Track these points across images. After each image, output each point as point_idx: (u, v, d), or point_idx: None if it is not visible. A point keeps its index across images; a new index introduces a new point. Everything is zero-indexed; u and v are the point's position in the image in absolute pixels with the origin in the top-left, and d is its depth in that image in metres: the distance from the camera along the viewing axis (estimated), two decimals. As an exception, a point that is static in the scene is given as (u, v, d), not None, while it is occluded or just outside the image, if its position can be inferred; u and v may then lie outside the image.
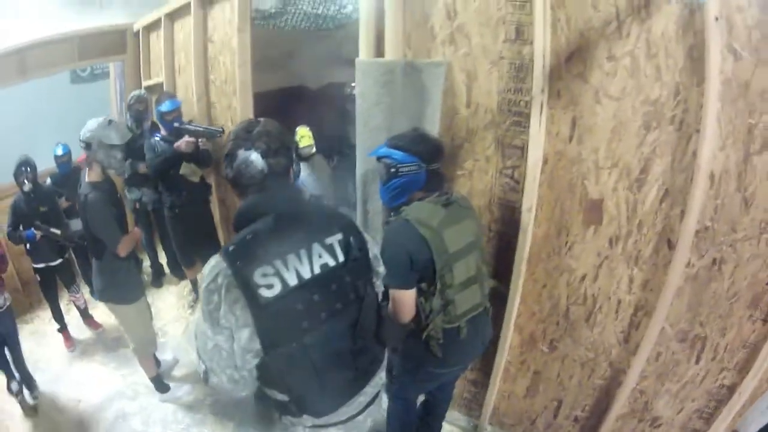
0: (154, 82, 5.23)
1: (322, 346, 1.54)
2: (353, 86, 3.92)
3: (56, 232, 4.14)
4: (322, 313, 1.54)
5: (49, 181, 4.61)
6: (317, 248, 1.56)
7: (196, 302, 5.00)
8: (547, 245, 2.37)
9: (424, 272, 2.02)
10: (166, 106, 3.99)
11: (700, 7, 1.71)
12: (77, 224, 3.79)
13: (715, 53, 1.68)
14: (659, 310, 2.08)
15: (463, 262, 2.07)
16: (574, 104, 2.08)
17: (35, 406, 3.95)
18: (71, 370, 4.39)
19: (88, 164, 2.98)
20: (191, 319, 4.80)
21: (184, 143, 3.85)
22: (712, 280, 1.99)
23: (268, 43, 4.59)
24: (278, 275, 1.46)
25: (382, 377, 1.83)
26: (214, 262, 1.48)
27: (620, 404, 2.35)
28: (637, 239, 2.11)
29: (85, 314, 4.86)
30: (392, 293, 2.01)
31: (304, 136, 3.84)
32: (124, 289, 3.28)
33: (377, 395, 1.83)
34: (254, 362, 1.50)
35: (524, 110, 2.20)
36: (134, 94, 4.78)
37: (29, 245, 4.19)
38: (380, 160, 2.16)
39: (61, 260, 4.41)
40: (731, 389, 2.09)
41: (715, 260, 1.95)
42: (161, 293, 5.29)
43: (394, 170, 2.08)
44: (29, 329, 5.05)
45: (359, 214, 2.84)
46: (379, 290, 1.81)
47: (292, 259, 1.50)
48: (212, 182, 4.55)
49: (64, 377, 4.28)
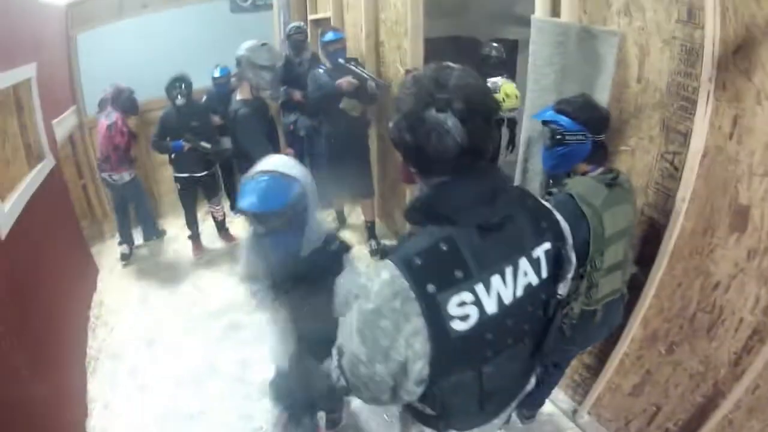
0: (320, 16, 5.55)
1: (498, 372, 1.32)
2: (494, 46, 3.78)
3: (206, 145, 4.55)
4: (509, 339, 1.30)
5: (204, 98, 5.08)
6: (524, 264, 1.28)
7: (338, 230, 5.22)
8: (691, 242, 2.33)
9: (577, 252, 1.93)
10: (329, 36, 4.27)
11: None
12: (228, 142, 4.21)
13: None
14: (773, 339, 2.01)
15: (614, 246, 2.10)
16: (737, 100, 2.01)
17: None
18: (193, 275, 4.84)
19: (238, 82, 3.29)
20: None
21: (345, 83, 4.07)
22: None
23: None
24: (477, 303, 1.18)
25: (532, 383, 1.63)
26: (388, 276, 1.16)
27: (709, 428, 2.31)
28: (773, 258, 2.02)
29: (221, 227, 5.36)
30: None
31: (510, 94, 3.40)
32: None
33: None
34: (420, 390, 1.25)
35: (691, 96, 2.16)
36: (293, 24, 5.17)
37: (174, 155, 4.65)
38: (546, 124, 2.19)
39: (206, 172, 4.81)
40: None
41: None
42: None
43: (559, 137, 2.10)
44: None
45: (518, 172, 2.97)
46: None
47: (496, 281, 1.21)
48: (373, 117, 4.75)
49: (185, 281, 4.74)
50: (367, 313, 1.18)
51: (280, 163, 2.07)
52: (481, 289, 1.18)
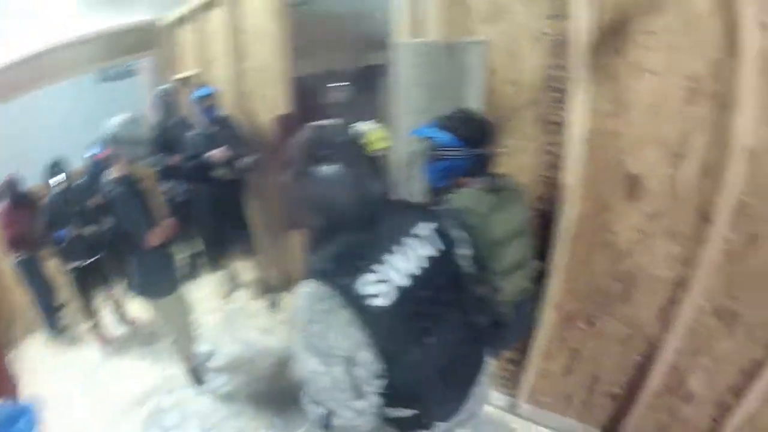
0: (186, 74, 5.45)
1: (442, 342, 1.48)
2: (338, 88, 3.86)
3: (91, 229, 4.28)
4: (433, 308, 1.47)
5: (80, 181, 4.72)
6: (413, 242, 1.48)
7: (232, 293, 5.26)
8: (587, 221, 2.46)
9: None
10: (201, 91, 4.17)
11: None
12: (109, 222, 3.96)
13: (748, 28, 1.76)
14: (696, 286, 2.18)
15: (510, 248, 2.07)
16: (613, 80, 2.17)
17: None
18: (106, 367, 4.52)
19: (113, 160, 3.08)
20: (227, 309, 5.03)
21: (218, 153, 4.02)
22: (748, 255, 2.06)
23: (301, 28, 4.74)
24: (385, 280, 1.36)
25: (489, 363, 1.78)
26: (309, 288, 1.35)
27: (655, 381, 2.45)
28: (675, 215, 2.19)
29: (119, 310, 5.04)
30: None
31: (376, 140, 3.17)
32: (159, 282, 3.36)
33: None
34: (381, 383, 1.37)
35: (564, 86, 2.29)
36: (162, 87, 5.05)
37: (62, 245, 4.34)
38: (425, 140, 2.16)
39: (94, 258, 4.54)
40: (762, 364, 2.16)
41: (752, 236, 2.03)
42: (197, 284, 5.41)
43: (437, 152, 2.09)
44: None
45: (400, 195, 2.93)
46: None
47: (393, 259, 1.41)
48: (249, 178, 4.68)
49: (99, 374, 4.42)
50: (302, 326, 1.34)
51: None
52: (381, 267, 1.37)
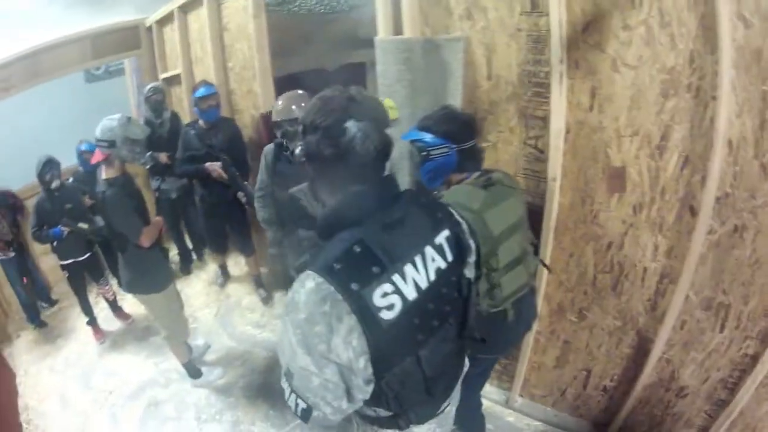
0: (171, 73, 5.46)
1: (434, 354, 1.39)
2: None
3: (84, 227, 4.32)
4: (434, 321, 1.38)
5: (71, 179, 4.82)
6: (429, 251, 1.37)
7: (224, 285, 5.28)
8: (573, 214, 2.44)
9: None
10: (200, 91, 4.02)
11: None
12: (101, 220, 3.97)
13: (725, 21, 1.72)
14: (683, 277, 2.16)
15: (507, 243, 2.03)
16: (592, 74, 2.14)
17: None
18: (102, 362, 4.57)
19: (108, 162, 3.06)
20: (222, 302, 5.02)
21: (215, 172, 3.97)
22: (734, 247, 2.03)
23: (283, 28, 4.68)
24: (398, 292, 1.26)
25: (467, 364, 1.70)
26: (312, 284, 1.21)
27: (647, 373, 2.43)
28: (660, 206, 2.17)
29: (114, 306, 5.08)
30: None
31: (392, 107, 3.47)
32: (151, 278, 3.36)
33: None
34: (370, 389, 1.29)
35: (544, 81, 2.26)
36: (151, 86, 5.00)
37: (56, 242, 4.39)
38: (413, 143, 2.16)
39: (88, 254, 4.60)
40: (755, 358, 2.13)
41: (736, 227, 2.00)
42: (190, 280, 5.48)
43: (425, 154, 2.08)
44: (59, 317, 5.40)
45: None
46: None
47: (409, 270, 1.30)
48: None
49: (96, 370, 4.46)
50: (300, 323, 1.21)
51: None
52: (398, 278, 1.26)
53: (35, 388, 4.41)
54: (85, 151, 4.84)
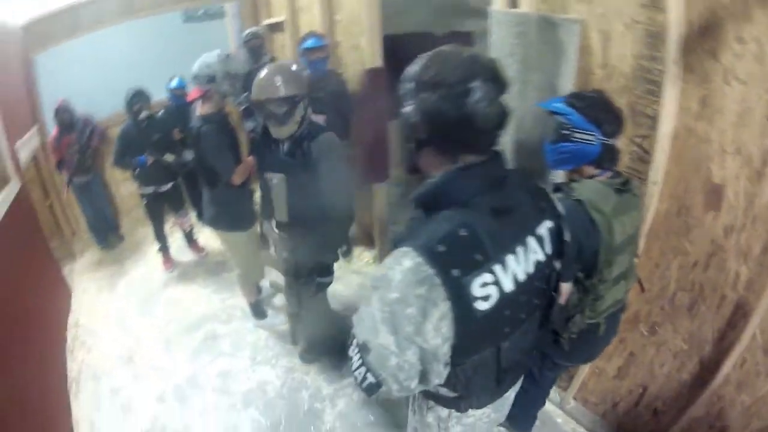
0: (274, 20, 5.45)
1: (513, 346, 1.35)
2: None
3: (170, 158, 4.51)
4: (522, 314, 1.32)
5: (162, 111, 4.96)
6: (532, 242, 1.30)
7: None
8: (667, 223, 2.30)
9: (585, 262, 1.85)
10: (309, 42, 4.02)
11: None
12: (190, 154, 4.14)
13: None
14: (756, 313, 1.98)
15: (623, 255, 1.91)
16: (705, 81, 1.97)
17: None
18: (166, 291, 4.76)
19: (206, 98, 3.16)
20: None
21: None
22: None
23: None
24: (497, 283, 1.19)
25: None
26: (411, 263, 1.13)
27: (699, 405, 2.28)
28: (749, 234, 1.98)
29: (189, 238, 5.30)
30: None
31: None
32: (237, 216, 3.44)
33: None
34: (446, 372, 1.23)
35: (657, 79, 2.11)
36: (250, 31, 5.10)
37: (138, 170, 4.56)
38: (552, 114, 1.95)
39: (170, 185, 4.79)
40: None
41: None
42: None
43: (566, 132, 1.88)
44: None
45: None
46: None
47: (511, 261, 1.23)
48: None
49: (158, 297, 4.65)
50: (391, 302, 1.14)
51: None
52: (499, 269, 1.19)
53: (91, 306, 4.64)
54: (176, 88, 5.06)
